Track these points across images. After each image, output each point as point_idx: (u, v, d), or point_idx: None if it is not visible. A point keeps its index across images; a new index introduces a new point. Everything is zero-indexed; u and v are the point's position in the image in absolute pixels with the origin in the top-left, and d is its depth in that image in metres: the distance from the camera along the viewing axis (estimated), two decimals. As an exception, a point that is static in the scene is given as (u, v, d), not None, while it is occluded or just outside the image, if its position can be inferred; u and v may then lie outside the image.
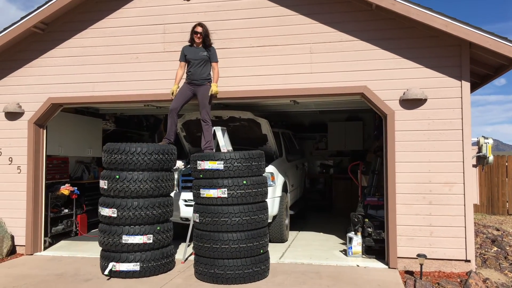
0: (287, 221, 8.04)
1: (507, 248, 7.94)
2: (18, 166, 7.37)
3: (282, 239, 7.68)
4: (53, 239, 7.90)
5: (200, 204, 5.72)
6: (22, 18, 7.14)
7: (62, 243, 7.97)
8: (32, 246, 7.21)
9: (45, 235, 7.56)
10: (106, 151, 5.93)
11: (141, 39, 7.11)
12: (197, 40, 6.34)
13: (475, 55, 6.26)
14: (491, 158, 6.32)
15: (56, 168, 8.21)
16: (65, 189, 8.07)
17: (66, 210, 8.31)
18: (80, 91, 7.28)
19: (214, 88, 6.28)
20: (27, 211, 7.24)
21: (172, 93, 6.41)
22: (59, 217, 8.16)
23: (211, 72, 6.44)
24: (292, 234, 8.43)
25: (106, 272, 5.68)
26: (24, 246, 7.22)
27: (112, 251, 5.78)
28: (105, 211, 5.81)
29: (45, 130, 7.59)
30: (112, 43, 7.21)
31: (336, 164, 13.14)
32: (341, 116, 12.68)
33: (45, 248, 7.50)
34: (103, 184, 5.92)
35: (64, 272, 6.09)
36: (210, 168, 5.59)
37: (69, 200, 8.39)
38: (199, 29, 6.29)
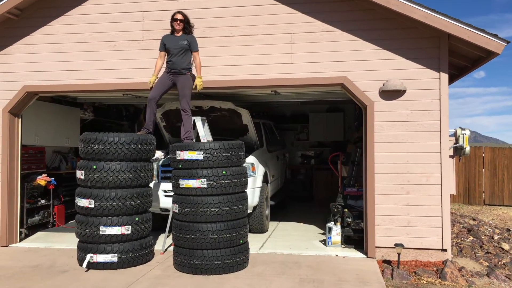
0: (267, 212, 8.05)
1: (483, 238, 8.11)
2: (-8, 156, 7.19)
3: (262, 230, 7.69)
4: (30, 230, 7.75)
5: (179, 194, 5.67)
6: (-5, 4, 6.92)
7: (39, 234, 7.83)
8: (8, 238, 7.06)
9: (21, 226, 7.41)
10: (83, 141, 5.82)
11: (119, 26, 6.96)
12: (177, 28, 6.24)
13: (454, 47, 6.32)
14: (467, 149, 6.41)
15: (32, 158, 8.02)
16: (42, 180, 7.91)
17: (43, 201, 8.15)
18: (56, 79, 7.10)
19: (198, 82, 6.24)
20: (2, 202, 7.07)
21: (150, 84, 6.33)
22: (36, 208, 8.00)
23: (191, 62, 6.36)
24: (272, 225, 8.45)
25: (84, 265, 5.60)
26: (-1, 237, 7.09)
27: (89, 243, 5.70)
28: (82, 202, 5.71)
29: (20, 119, 7.40)
30: (89, 30, 7.04)
31: (317, 155, 13.20)
32: (322, 107, 12.71)
33: (21, 240, 7.35)
34: (80, 174, 5.81)
35: (40, 264, 5.98)
36: (189, 158, 5.54)
37: (46, 190, 8.23)
38: (179, 16, 6.20)
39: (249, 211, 7.03)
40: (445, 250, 6.15)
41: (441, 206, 6.15)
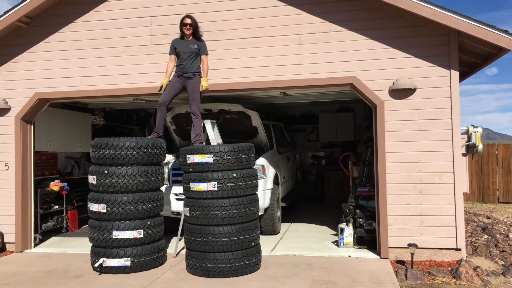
0: (279, 213, 8.04)
1: (498, 236, 8.00)
2: (6, 163, 7.27)
3: (274, 231, 7.68)
4: (44, 235, 7.84)
5: (190, 198, 5.68)
6: (5, 13, 7.01)
7: (53, 239, 7.91)
8: (22, 243, 7.14)
9: (35, 232, 7.50)
10: (94, 146, 5.87)
11: (128, 32, 7.02)
12: (186, 32, 6.28)
13: (464, 44, 6.26)
14: (480, 146, 6.33)
15: (45, 164, 8.12)
16: (55, 185, 8.00)
17: (56, 206, 8.24)
18: (67, 86, 7.18)
19: (204, 83, 6.27)
20: (16, 208, 7.16)
21: (161, 87, 6.36)
22: (49, 214, 8.10)
23: (201, 65, 6.39)
24: (284, 226, 8.44)
25: (96, 265, 5.64)
26: (14, 243, 7.16)
27: (102, 247, 5.74)
28: (95, 207, 5.76)
29: (32, 126, 7.49)
30: (98, 36, 7.11)
31: (328, 155, 13.15)
32: (332, 107, 12.66)
33: (35, 245, 7.43)
34: (91, 179, 5.86)
35: (54, 269, 6.04)
36: (199, 161, 5.55)
37: (59, 196, 8.32)
38: (188, 20, 6.24)
39: (260, 213, 7.03)
40: (460, 250, 6.08)
41: (454, 204, 6.08)
